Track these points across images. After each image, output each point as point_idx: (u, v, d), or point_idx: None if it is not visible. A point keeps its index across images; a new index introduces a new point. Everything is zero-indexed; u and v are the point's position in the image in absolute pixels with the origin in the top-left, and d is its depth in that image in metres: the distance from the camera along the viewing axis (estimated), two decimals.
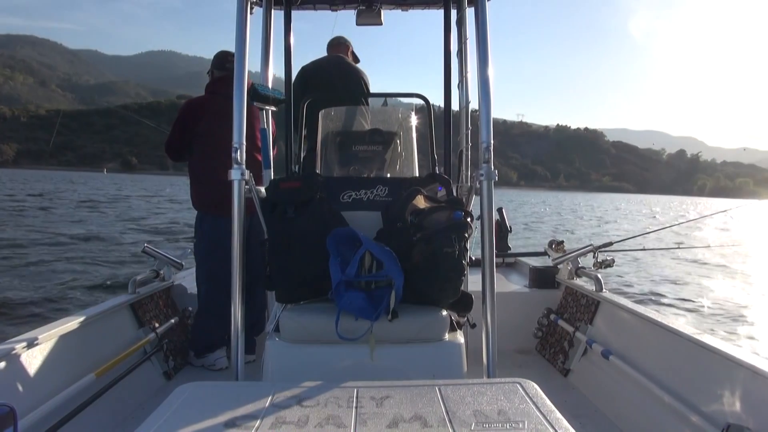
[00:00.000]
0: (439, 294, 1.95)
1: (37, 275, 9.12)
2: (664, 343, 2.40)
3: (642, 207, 70.80)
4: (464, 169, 2.74)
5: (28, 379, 2.00)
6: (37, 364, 2.07)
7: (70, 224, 17.12)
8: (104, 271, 9.74)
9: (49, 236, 13.80)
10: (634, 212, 52.05)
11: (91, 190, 45.62)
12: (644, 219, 39.45)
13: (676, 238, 17.35)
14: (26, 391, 1.96)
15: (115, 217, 21.11)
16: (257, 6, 2.64)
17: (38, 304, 7.12)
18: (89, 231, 15.44)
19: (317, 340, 1.88)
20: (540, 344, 3.58)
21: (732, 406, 1.91)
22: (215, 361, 3.19)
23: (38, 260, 10.44)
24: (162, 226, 18.31)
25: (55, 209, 23.26)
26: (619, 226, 28.78)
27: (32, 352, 2.06)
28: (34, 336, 2.09)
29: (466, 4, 2.72)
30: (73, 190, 42.66)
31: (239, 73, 1.98)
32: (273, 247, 2.02)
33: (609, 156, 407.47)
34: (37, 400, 1.95)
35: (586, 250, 3.59)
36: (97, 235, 14.61)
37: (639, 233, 4.85)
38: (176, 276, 3.60)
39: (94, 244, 13.16)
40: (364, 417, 1.20)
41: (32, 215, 19.77)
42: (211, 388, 1.43)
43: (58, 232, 14.77)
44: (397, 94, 3.18)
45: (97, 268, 10.12)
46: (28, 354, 2.04)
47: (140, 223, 18.84)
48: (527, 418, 1.19)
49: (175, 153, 3.30)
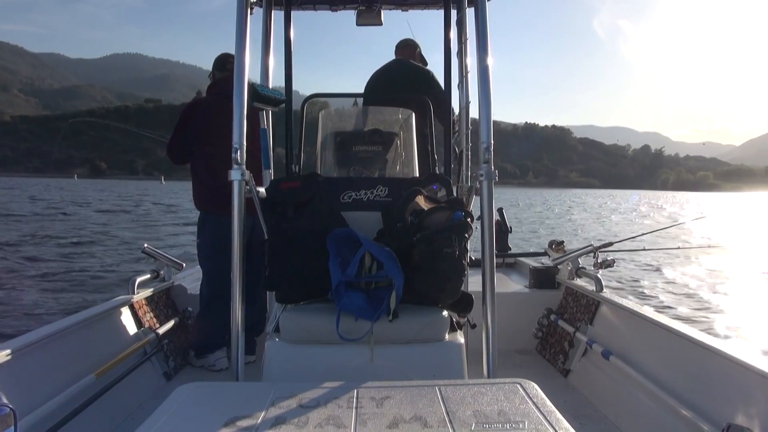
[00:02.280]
0: (440, 294, 1.94)
1: (37, 275, 9.13)
2: (664, 343, 2.40)
3: (607, 200, 75.02)
4: (464, 169, 2.74)
5: (28, 379, 2.00)
6: (37, 365, 2.07)
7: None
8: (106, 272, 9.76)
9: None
10: (596, 206, 54.94)
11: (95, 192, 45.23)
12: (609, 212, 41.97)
13: (674, 237, 17.63)
14: (26, 391, 1.96)
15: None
16: (257, 6, 2.64)
17: (38, 305, 7.12)
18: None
19: (317, 340, 1.88)
20: (540, 344, 3.58)
21: (732, 406, 1.91)
22: (215, 362, 3.19)
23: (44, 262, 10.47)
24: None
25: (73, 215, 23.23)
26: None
27: (32, 352, 2.06)
28: (35, 337, 2.09)
29: (466, 5, 2.72)
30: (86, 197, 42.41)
31: (239, 73, 1.98)
32: (273, 248, 2.02)
33: (576, 153, 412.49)
34: (38, 400, 1.95)
35: (586, 251, 3.59)
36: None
37: (639, 233, 4.84)
38: (176, 276, 3.61)
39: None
40: (364, 417, 1.20)
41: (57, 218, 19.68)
42: (212, 388, 1.43)
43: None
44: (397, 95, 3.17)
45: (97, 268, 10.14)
46: (28, 355, 2.04)
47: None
48: (527, 418, 1.19)
49: (177, 155, 3.30)
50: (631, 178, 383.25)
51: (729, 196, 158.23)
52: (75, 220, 21.29)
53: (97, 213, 25.92)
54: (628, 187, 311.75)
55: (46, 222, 19.73)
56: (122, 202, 35.69)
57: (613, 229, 22.75)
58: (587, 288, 3.28)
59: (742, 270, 12.13)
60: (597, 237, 16.04)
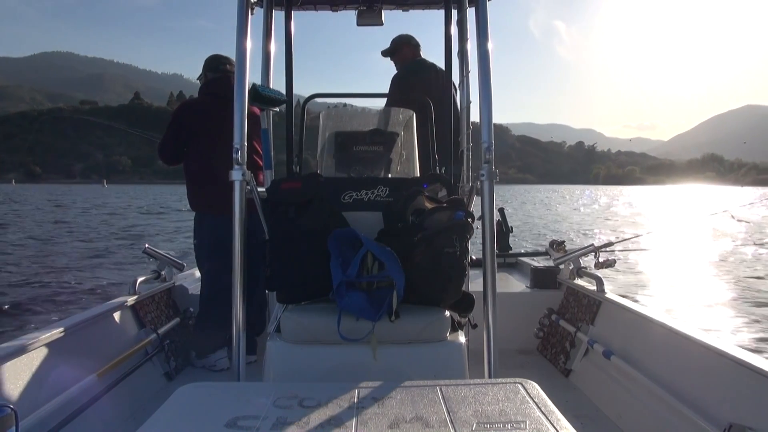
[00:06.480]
0: (441, 294, 1.94)
1: (37, 276, 9.14)
2: (665, 343, 2.40)
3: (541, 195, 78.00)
4: (465, 170, 2.74)
5: (29, 380, 2.00)
6: (38, 365, 2.07)
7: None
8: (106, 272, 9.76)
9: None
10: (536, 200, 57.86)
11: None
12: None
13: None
14: (27, 392, 1.96)
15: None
16: (257, 6, 2.64)
17: (39, 305, 7.13)
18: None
19: (318, 340, 1.88)
20: (541, 344, 3.58)
21: (734, 405, 1.91)
22: (216, 362, 3.20)
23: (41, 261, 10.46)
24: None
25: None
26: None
27: (33, 353, 2.06)
28: (35, 337, 2.09)
29: (467, 5, 2.72)
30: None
31: (240, 73, 1.98)
32: (274, 248, 2.02)
33: (514, 150, 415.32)
34: (39, 401, 1.95)
35: (587, 250, 3.59)
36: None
37: (638, 234, 4.84)
38: (177, 276, 3.61)
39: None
40: (365, 417, 1.20)
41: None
42: (213, 388, 1.43)
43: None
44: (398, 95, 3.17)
45: (98, 268, 10.14)
46: (29, 355, 2.04)
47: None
48: (528, 418, 1.19)
49: (170, 156, 3.29)
50: (565, 173, 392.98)
51: (652, 189, 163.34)
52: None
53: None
54: (563, 182, 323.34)
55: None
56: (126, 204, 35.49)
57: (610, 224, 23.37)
58: (588, 288, 3.28)
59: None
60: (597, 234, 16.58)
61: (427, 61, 3.74)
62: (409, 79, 3.59)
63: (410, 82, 3.52)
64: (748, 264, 12.56)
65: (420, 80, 3.48)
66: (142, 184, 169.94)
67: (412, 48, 3.79)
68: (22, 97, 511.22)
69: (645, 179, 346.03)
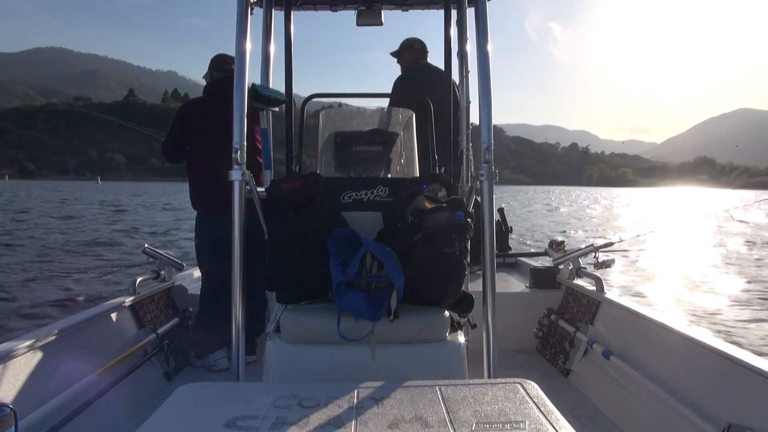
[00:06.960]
0: (440, 294, 1.94)
1: (37, 275, 9.13)
2: (664, 343, 2.40)
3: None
4: (464, 170, 2.74)
5: (28, 380, 2.00)
6: (37, 365, 2.07)
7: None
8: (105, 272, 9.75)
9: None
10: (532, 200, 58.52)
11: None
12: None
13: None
14: (27, 392, 1.96)
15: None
16: (257, 6, 2.64)
17: (38, 305, 7.12)
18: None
19: (318, 340, 1.88)
20: (541, 344, 3.58)
21: (733, 406, 1.91)
22: (216, 362, 3.19)
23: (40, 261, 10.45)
24: None
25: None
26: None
27: (32, 352, 2.06)
28: (35, 337, 2.09)
29: (467, 5, 2.72)
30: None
31: (239, 73, 1.98)
32: (273, 248, 2.02)
33: (509, 151, 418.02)
34: (38, 401, 1.95)
35: (586, 251, 3.59)
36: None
37: (638, 234, 4.85)
38: (177, 276, 3.61)
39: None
40: (364, 417, 1.20)
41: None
42: (212, 388, 1.43)
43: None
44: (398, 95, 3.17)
45: (98, 269, 10.13)
46: (29, 355, 2.04)
47: None
48: (528, 418, 1.19)
49: (173, 154, 3.30)
50: (559, 175, 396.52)
51: (644, 191, 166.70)
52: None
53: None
54: (556, 183, 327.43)
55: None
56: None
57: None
58: (588, 288, 3.28)
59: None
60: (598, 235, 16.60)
61: (431, 65, 3.77)
62: (409, 82, 3.60)
63: (411, 85, 3.53)
64: (752, 262, 12.61)
65: (420, 83, 3.49)
66: (136, 181, 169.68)
67: (414, 52, 3.84)
68: (15, 93, 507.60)
69: (638, 181, 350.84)
